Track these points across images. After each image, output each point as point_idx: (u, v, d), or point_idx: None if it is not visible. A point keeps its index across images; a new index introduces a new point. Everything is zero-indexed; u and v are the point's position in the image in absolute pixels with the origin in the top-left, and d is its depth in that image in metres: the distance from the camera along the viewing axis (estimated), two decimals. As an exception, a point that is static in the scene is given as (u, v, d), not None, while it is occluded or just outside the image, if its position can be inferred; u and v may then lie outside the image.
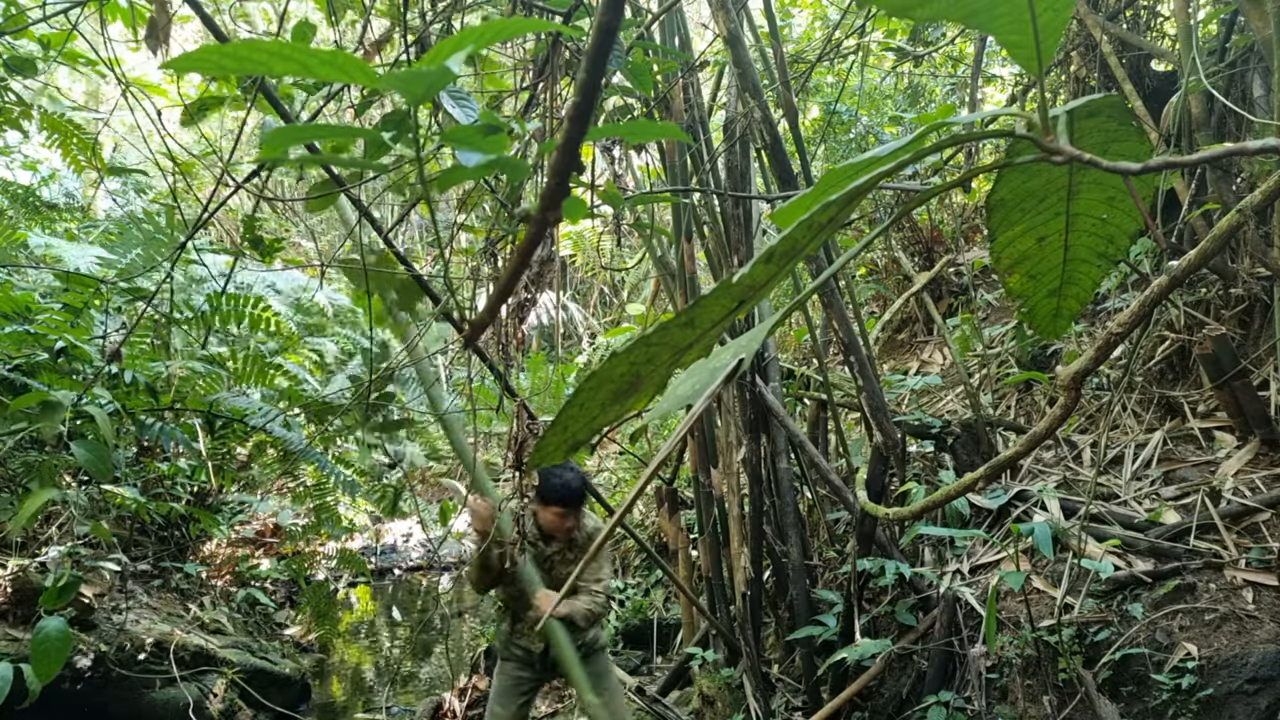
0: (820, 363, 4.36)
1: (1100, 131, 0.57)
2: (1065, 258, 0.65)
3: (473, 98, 1.07)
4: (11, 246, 4.10)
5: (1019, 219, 0.63)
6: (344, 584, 6.76)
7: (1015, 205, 0.62)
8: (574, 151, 0.40)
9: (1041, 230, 0.64)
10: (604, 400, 0.55)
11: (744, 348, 0.56)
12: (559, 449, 0.57)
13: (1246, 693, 2.77)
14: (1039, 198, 0.62)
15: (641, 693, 4.22)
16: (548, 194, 0.40)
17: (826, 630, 3.61)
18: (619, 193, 1.64)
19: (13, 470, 3.97)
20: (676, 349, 0.54)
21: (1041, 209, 0.62)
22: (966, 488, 2.07)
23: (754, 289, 0.53)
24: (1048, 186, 0.61)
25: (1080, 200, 0.61)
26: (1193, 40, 3.92)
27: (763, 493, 4.08)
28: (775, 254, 0.52)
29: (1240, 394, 3.70)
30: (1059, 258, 0.65)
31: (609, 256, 8.98)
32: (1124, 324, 1.78)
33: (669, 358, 0.54)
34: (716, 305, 0.53)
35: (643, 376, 0.54)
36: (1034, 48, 0.51)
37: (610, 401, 0.55)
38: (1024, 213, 0.62)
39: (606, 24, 0.40)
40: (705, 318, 0.53)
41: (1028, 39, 0.51)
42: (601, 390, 0.55)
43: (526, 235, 0.43)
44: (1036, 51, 0.51)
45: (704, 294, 0.53)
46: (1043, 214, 0.63)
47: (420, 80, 0.57)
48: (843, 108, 5.83)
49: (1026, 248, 0.65)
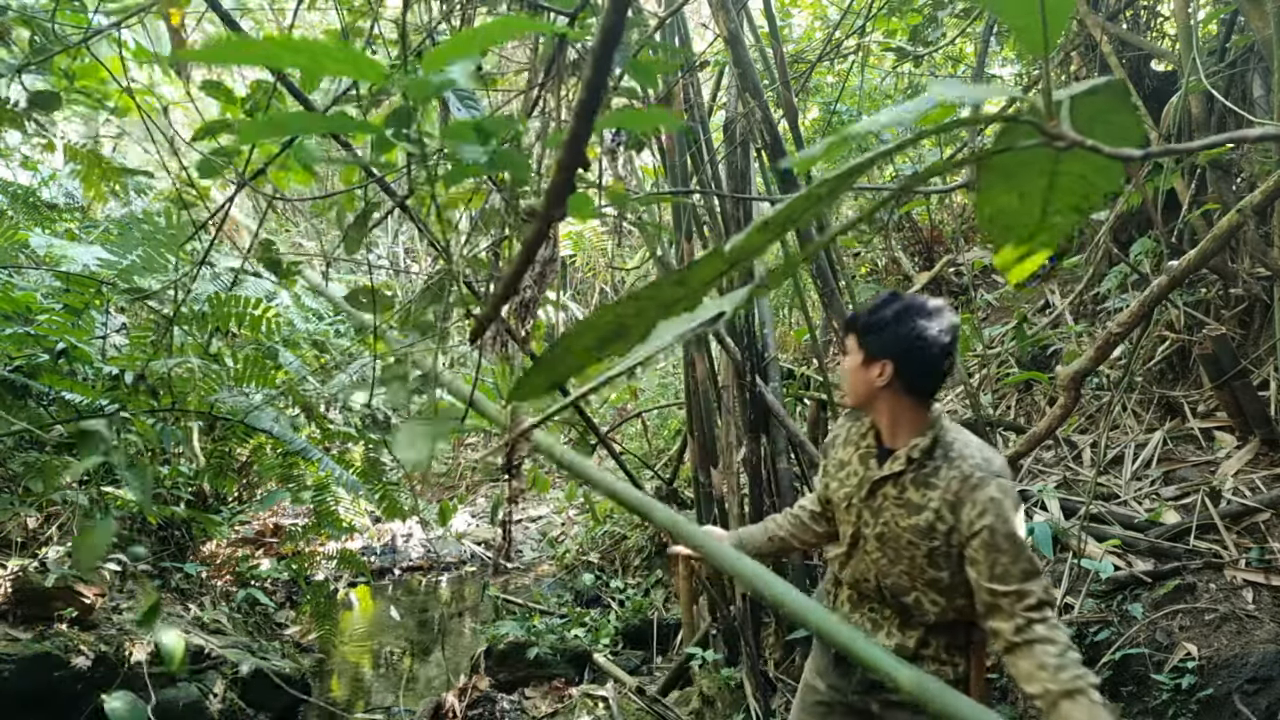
0: (820, 363, 4.36)
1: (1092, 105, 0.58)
2: (1043, 211, 0.68)
3: (478, 98, 1.07)
4: (12, 247, 4.10)
5: (1003, 178, 0.65)
6: (344, 584, 6.76)
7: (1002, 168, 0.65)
8: (580, 148, 0.40)
9: (1023, 187, 0.66)
10: (588, 345, 0.57)
11: (731, 300, 0.58)
12: (539, 388, 0.59)
13: (1246, 693, 2.77)
14: (1026, 163, 0.64)
15: (641, 693, 4.22)
16: (553, 190, 0.40)
17: (827, 630, 3.61)
18: (625, 191, 1.64)
19: (13, 470, 3.97)
20: (664, 304, 0.56)
21: (1028, 172, 0.65)
22: (967, 487, 2.06)
23: (747, 253, 0.54)
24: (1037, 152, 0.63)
25: (1065, 161, 0.63)
26: (1193, 40, 3.93)
27: (763, 493, 4.09)
28: (770, 222, 0.53)
29: (1240, 394, 3.70)
30: (1037, 212, 0.68)
31: (609, 256, 8.99)
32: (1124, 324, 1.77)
33: (655, 311, 0.56)
34: (709, 266, 0.54)
35: (628, 326, 0.56)
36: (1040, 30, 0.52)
37: (594, 346, 0.57)
38: (1009, 173, 0.65)
39: (612, 24, 0.41)
40: (697, 277, 0.55)
41: (1035, 20, 0.52)
42: (586, 336, 0.56)
43: (532, 232, 0.43)
44: (1043, 31, 0.52)
45: (698, 257, 0.54)
46: (1028, 174, 0.65)
47: (430, 81, 0.58)
48: (843, 108, 5.84)
49: (1007, 202, 0.68)
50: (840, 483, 2.04)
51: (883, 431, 1.95)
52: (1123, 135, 0.57)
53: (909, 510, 1.87)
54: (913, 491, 1.86)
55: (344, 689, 5.28)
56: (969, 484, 1.79)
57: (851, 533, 2.01)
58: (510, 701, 4.55)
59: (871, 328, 1.88)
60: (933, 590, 1.89)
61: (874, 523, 1.94)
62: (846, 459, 2.04)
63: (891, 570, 1.94)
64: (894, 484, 1.90)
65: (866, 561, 1.99)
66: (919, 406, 1.89)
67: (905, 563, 1.90)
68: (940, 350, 1.83)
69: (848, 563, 2.05)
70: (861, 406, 1.98)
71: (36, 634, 3.68)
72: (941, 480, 1.83)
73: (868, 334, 1.89)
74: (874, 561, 1.97)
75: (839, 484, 2.05)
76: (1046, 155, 0.61)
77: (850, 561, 2.04)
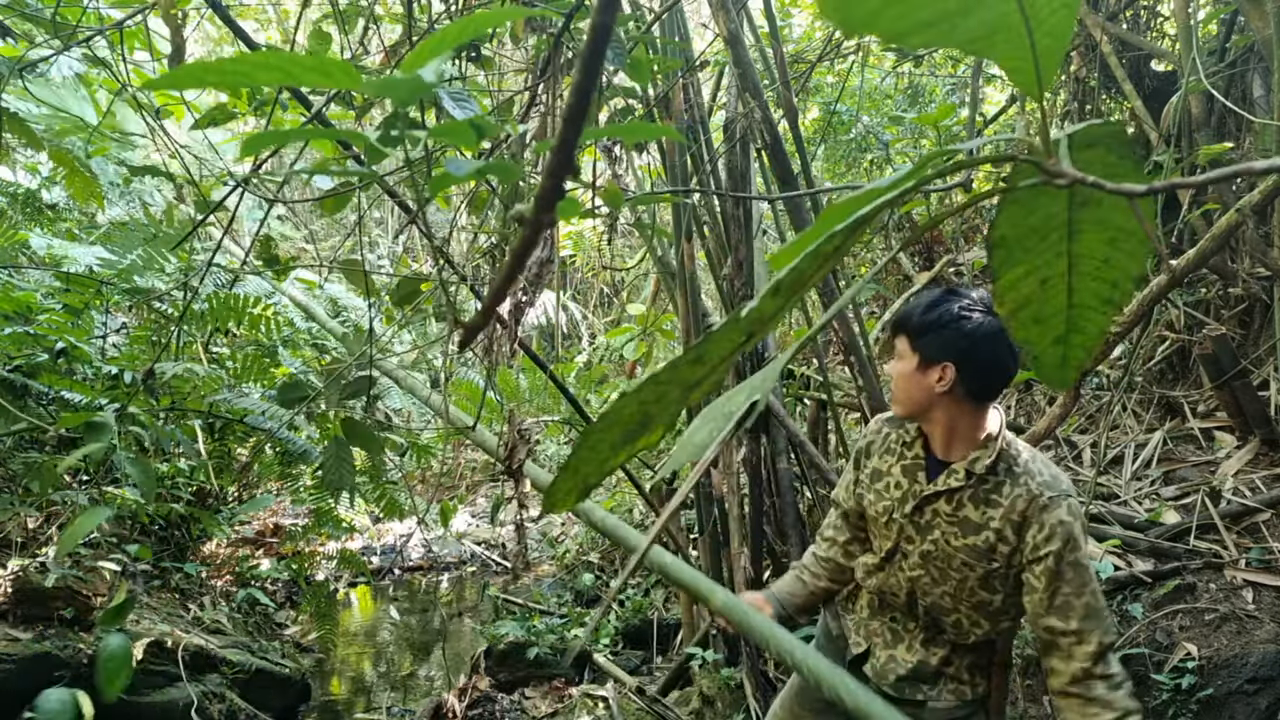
0: (820, 363, 4.36)
1: (1099, 164, 0.57)
2: (1069, 302, 0.64)
3: (472, 98, 1.07)
4: (12, 247, 4.11)
5: (1021, 258, 0.62)
6: (344, 584, 6.77)
7: (1017, 243, 0.61)
8: (569, 153, 0.40)
9: (1044, 272, 0.62)
10: (614, 441, 0.54)
11: (756, 388, 0.55)
12: (570, 493, 0.56)
13: (1246, 693, 2.77)
14: (1040, 235, 0.60)
15: (641, 693, 4.22)
16: (542, 196, 0.40)
17: (826, 630, 3.61)
18: (620, 192, 1.64)
19: (13, 470, 3.98)
20: (685, 386, 0.53)
21: (1043, 248, 0.61)
22: (965, 488, 2.05)
23: (762, 322, 0.52)
24: (1048, 223, 0.60)
25: (1082, 240, 0.60)
26: (1193, 40, 3.92)
27: (763, 493, 4.09)
28: (783, 286, 0.52)
29: (1240, 394, 3.70)
30: (1063, 301, 0.64)
31: (609, 256, 8.99)
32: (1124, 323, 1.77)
33: (678, 395, 0.53)
34: (725, 340, 0.52)
35: (652, 415, 0.53)
36: (1033, 73, 0.51)
37: (620, 442, 0.54)
38: (1026, 251, 0.61)
39: (601, 24, 0.40)
40: (714, 353, 0.52)
41: (1027, 64, 0.51)
42: (611, 432, 0.54)
43: (522, 238, 0.43)
44: (1036, 76, 0.51)
45: (712, 329, 0.53)
46: (1044, 254, 0.61)
47: (402, 85, 0.58)
48: (843, 108, 5.83)
49: (1029, 291, 0.63)
50: (878, 495, 1.86)
51: (935, 442, 1.77)
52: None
53: (965, 530, 1.71)
54: (971, 509, 1.70)
55: (344, 689, 5.28)
56: (1037, 504, 1.65)
57: (889, 547, 1.86)
58: (510, 701, 4.55)
59: (928, 328, 1.68)
60: (979, 613, 1.77)
61: (919, 540, 1.78)
62: (885, 469, 1.86)
63: (933, 590, 1.79)
64: (948, 500, 1.74)
65: (901, 577, 1.85)
66: (979, 414, 1.71)
67: (952, 583, 1.76)
68: (1008, 349, 1.65)
69: (877, 573, 1.92)
70: (915, 416, 1.78)
71: (36, 634, 3.68)
72: (1005, 498, 1.67)
73: (923, 335, 1.69)
74: (911, 578, 1.83)
75: (876, 496, 1.87)
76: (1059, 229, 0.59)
77: (880, 573, 1.90)
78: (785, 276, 0.52)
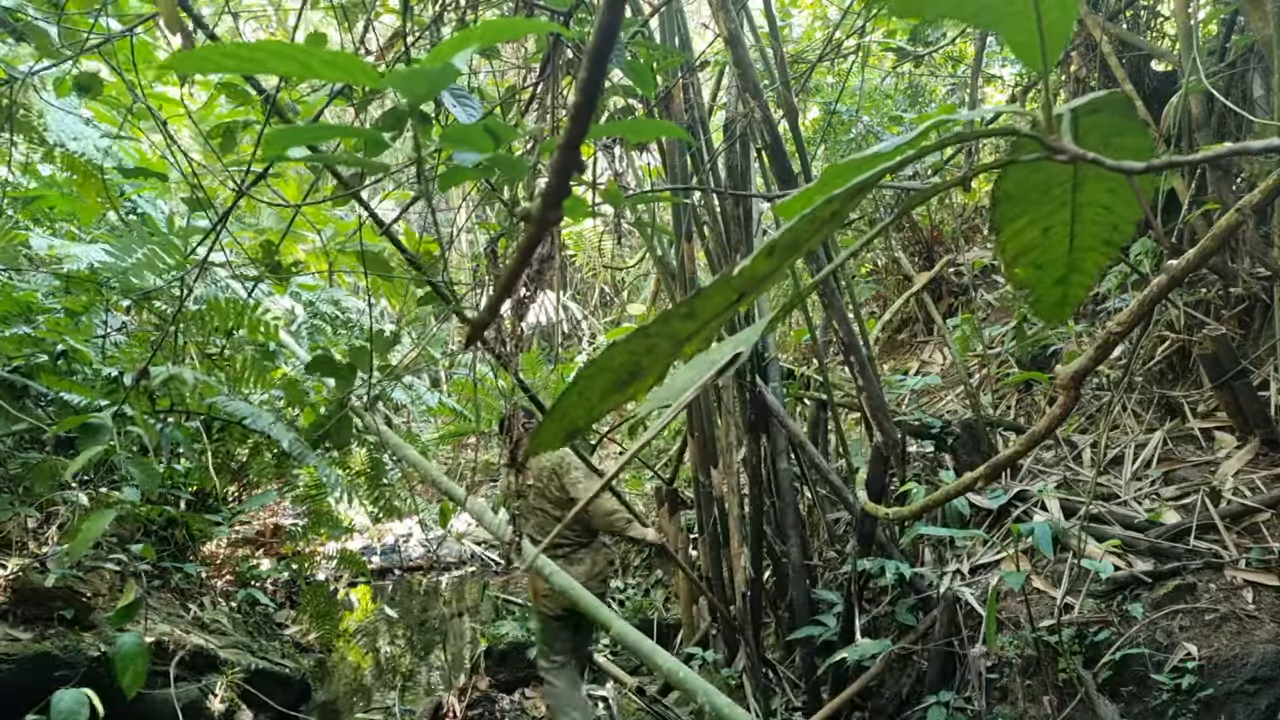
0: (820, 363, 4.36)
1: (1102, 127, 0.57)
2: (1071, 246, 0.66)
3: (474, 97, 1.07)
4: (12, 247, 4.10)
5: (1023, 211, 0.63)
6: (344, 584, 6.76)
7: (1020, 198, 0.63)
8: (575, 150, 0.40)
9: (1046, 221, 0.64)
10: (603, 388, 0.55)
11: (743, 341, 0.56)
12: (556, 436, 0.57)
13: (1246, 693, 2.77)
14: (1043, 189, 0.62)
15: (641, 693, 4.22)
16: (548, 193, 0.40)
17: (826, 630, 3.61)
18: (620, 192, 1.64)
19: (13, 470, 3.97)
20: (676, 340, 0.54)
21: (1046, 200, 0.63)
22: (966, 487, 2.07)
23: (755, 281, 0.53)
24: (1052, 179, 0.61)
25: (1085, 191, 0.62)
26: (1193, 40, 3.92)
27: (763, 493, 4.08)
28: (777, 247, 0.52)
29: (1240, 394, 3.70)
30: (1065, 247, 0.66)
31: (609, 256, 8.98)
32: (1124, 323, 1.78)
33: (669, 348, 0.54)
34: (718, 297, 0.53)
35: (643, 366, 0.54)
36: (1039, 46, 0.51)
37: (609, 390, 0.55)
38: (1028, 205, 0.63)
39: (608, 23, 0.40)
40: (706, 309, 0.53)
41: (1033, 38, 0.51)
42: (600, 379, 0.54)
43: (527, 235, 0.43)
44: (1042, 50, 0.51)
45: (705, 286, 0.53)
46: (1048, 205, 0.63)
47: (422, 79, 0.57)
48: (843, 108, 5.83)
49: (1032, 238, 0.65)
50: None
51: None
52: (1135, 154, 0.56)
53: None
54: None
55: (344, 689, 5.27)
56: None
57: None
58: (510, 701, 4.55)
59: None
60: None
61: None
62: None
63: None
64: None
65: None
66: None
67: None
68: None
69: None
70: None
71: (36, 634, 3.68)
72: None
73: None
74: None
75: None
76: (1063, 183, 0.60)
77: None
78: (780, 238, 0.52)
